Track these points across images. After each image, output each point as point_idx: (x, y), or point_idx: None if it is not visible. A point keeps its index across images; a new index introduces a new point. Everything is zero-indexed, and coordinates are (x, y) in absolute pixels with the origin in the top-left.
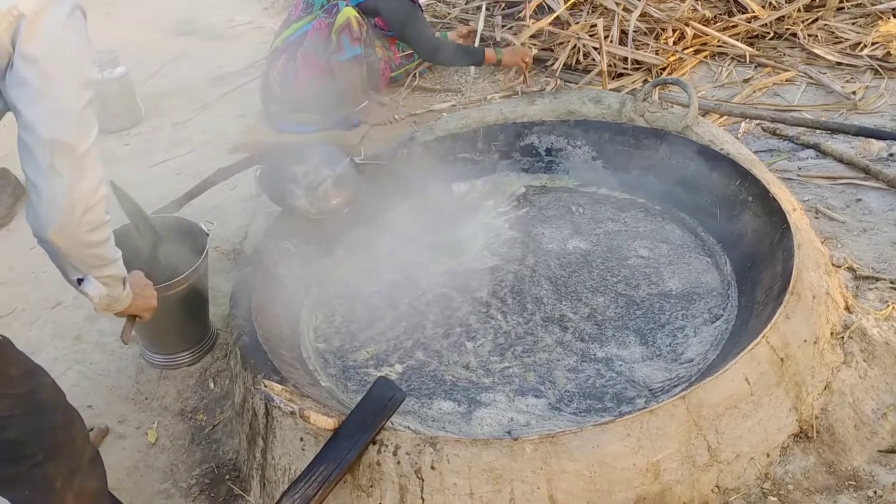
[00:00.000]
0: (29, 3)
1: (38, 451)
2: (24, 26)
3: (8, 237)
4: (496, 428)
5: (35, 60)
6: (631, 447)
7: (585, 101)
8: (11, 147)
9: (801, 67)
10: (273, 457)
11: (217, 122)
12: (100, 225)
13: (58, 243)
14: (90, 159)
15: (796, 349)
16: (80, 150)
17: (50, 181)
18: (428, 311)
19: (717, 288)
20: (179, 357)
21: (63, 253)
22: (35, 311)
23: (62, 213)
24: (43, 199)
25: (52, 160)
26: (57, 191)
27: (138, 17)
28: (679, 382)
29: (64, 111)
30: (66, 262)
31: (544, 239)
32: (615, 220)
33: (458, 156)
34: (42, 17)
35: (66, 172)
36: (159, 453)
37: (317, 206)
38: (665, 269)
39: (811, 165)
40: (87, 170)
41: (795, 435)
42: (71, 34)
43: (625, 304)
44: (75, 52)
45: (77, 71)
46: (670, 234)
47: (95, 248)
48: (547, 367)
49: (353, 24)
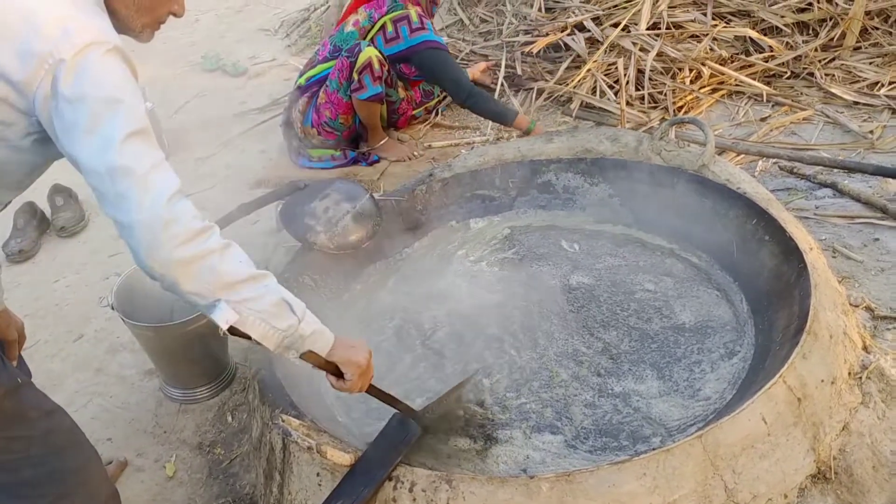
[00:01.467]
0: (66, 48)
1: (51, 492)
2: (63, 70)
3: (33, 270)
4: (512, 466)
5: (77, 100)
6: (647, 487)
7: (602, 140)
8: (35, 183)
9: (818, 106)
10: (289, 492)
11: (240, 157)
12: (193, 236)
13: (158, 272)
14: (155, 175)
15: (813, 389)
16: (140, 171)
17: (122, 208)
18: (443, 349)
19: (730, 322)
20: (198, 391)
21: (170, 284)
22: (58, 343)
23: (144, 235)
24: (124, 229)
25: (116, 188)
26: (130, 215)
27: (165, 55)
28: (695, 421)
29: (114, 141)
30: (185, 293)
31: (544, 275)
32: (614, 255)
33: (476, 192)
34: (80, 58)
35: (131, 194)
36: (177, 487)
37: (336, 242)
38: (675, 302)
39: (828, 204)
40: (152, 185)
41: (813, 476)
42: (110, 70)
43: (638, 337)
44: (116, 85)
45: (121, 102)
46: (672, 267)
47: (198, 263)
48: (564, 403)
49: (374, 64)
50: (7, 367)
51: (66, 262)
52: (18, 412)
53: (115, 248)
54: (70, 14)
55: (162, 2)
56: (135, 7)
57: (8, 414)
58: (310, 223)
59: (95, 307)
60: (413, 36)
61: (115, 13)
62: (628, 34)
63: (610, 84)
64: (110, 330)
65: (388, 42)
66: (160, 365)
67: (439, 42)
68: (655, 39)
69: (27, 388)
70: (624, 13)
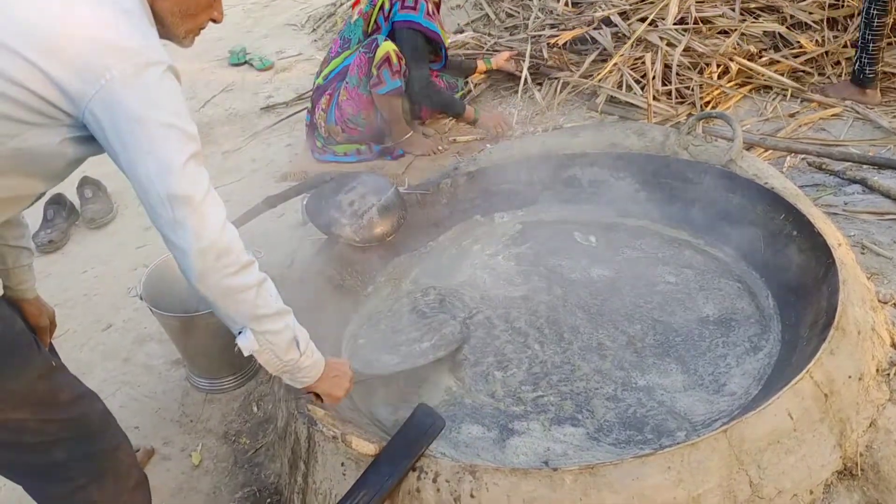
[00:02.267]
0: (125, 66)
1: (83, 475)
2: (121, 87)
3: (62, 260)
4: (532, 457)
5: (135, 120)
6: (671, 480)
7: (629, 134)
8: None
9: (847, 102)
10: (314, 481)
11: (266, 150)
12: (240, 268)
13: (203, 292)
14: (208, 204)
15: (841, 385)
16: (197, 199)
17: (178, 233)
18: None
19: (753, 315)
20: (224, 381)
21: (211, 303)
22: (87, 332)
23: (197, 262)
24: (178, 250)
25: (175, 214)
26: (186, 241)
27: (192, 49)
28: (720, 416)
29: (173, 166)
30: (222, 314)
31: (563, 269)
32: (632, 248)
33: (501, 186)
34: (138, 79)
35: (189, 223)
36: (203, 475)
37: (361, 235)
38: (697, 295)
39: (857, 201)
40: (208, 215)
41: (839, 472)
42: (165, 93)
43: (663, 330)
44: (172, 109)
45: (177, 126)
46: (691, 259)
47: (241, 294)
48: (585, 396)
49: (392, 58)
50: (42, 351)
51: (94, 253)
52: (52, 395)
53: (142, 239)
54: (128, 30)
55: (204, 8)
56: (180, 14)
57: (42, 396)
58: (335, 216)
59: (123, 297)
60: (402, 13)
61: (161, 21)
62: (655, 28)
63: (636, 79)
64: (138, 320)
65: (386, 20)
66: (187, 355)
67: (420, 23)
68: (683, 35)
69: (61, 372)
70: (651, 8)
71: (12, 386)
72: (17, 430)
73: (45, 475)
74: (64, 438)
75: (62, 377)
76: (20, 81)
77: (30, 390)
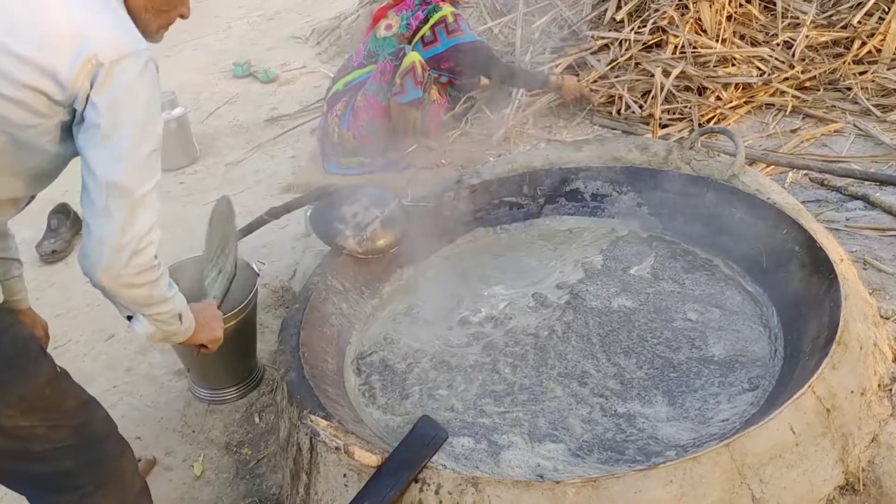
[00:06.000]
0: (108, 53)
1: (88, 482)
2: (101, 74)
3: (66, 270)
4: (526, 470)
5: (106, 108)
6: (673, 494)
7: (632, 148)
8: (70, 184)
9: (849, 119)
10: (316, 492)
11: (269, 162)
12: (147, 269)
13: (104, 284)
14: (146, 205)
15: (843, 400)
16: (136, 195)
17: (102, 222)
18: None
19: (762, 358)
20: (227, 392)
21: (110, 294)
22: (89, 342)
23: (109, 255)
24: (93, 238)
25: (108, 201)
26: (107, 231)
27: (197, 61)
28: (710, 439)
29: (126, 156)
30: (114, 301)
31: (587, 295)
32: (675, 281)
33: (504, 199)
34: (118, 67)
35: (119, 215)
36: (204, 486)
37: (364, 246)
38: (711, 335)
39: (859, 216)
40: (140, 215)
41: (841, 487)
42: (143, 86)
43: (660, 365)
44: (145, 102)
45: (144, 121)
46: (729, 300)
47: (141, 290)
48: (559, 415)
49: (417, 69)
50: (48, 357)
51: None
52: (58, 400)
53: None
54: (112, 21)
55: (174, 5)
56: (153, 11)
57: (50, 402)
58: (339, 227)
59: None
60: (453, 37)
61: (135, 17)
62: (651, 54)
63: (635, 99)
64: None
65: (425, 46)
66: (189, 365)
67: (479, 41)
68: (679, 62)
69: (66, 378)
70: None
71: (22, 391)
72: (27, 439)
73: (52, 487)
74: (71, 445)
75: (67, 383)
76: (16, 78)
77: (39, 396)
